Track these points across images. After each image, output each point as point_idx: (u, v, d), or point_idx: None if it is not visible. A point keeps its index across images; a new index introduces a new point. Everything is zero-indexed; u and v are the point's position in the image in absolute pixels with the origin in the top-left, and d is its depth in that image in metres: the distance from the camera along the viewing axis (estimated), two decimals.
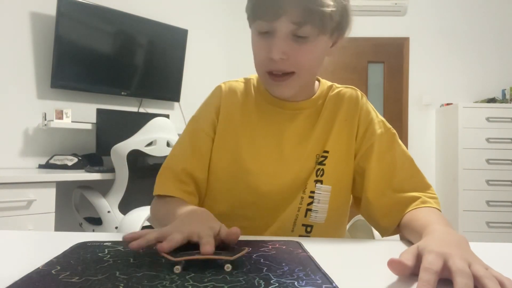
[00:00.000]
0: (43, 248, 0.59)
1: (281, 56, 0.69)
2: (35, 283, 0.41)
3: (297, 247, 0.57)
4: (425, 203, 0.71)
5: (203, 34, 3.42)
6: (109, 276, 0.43)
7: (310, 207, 0.78)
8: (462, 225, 3.27)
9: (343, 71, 3.88)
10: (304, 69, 0.73)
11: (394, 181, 0.76)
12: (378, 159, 0.78)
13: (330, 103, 0.83)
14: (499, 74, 3.76)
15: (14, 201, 1.81)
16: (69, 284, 0.40)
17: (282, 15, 0.66)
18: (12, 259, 0.52)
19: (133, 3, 2.90)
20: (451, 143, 3.44)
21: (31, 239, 0.64)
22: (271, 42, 0.69)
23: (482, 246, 0.64)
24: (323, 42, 0.73)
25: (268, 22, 0.68)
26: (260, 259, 0.50)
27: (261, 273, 0.44)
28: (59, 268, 0.46)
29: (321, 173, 0.78)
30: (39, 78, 2.47)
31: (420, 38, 3.83)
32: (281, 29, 0.68)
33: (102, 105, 2.73)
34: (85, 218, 2.29)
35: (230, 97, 0.84)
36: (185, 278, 0.42)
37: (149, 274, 0.43)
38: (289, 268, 0.46)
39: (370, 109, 0.84)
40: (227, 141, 0.82)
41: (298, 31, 0.68)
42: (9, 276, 0.43)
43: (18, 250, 0.58)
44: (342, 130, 0.80)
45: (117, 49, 2.78)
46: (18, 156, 2.39)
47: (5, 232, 0.67)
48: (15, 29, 2.38)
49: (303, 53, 0.71)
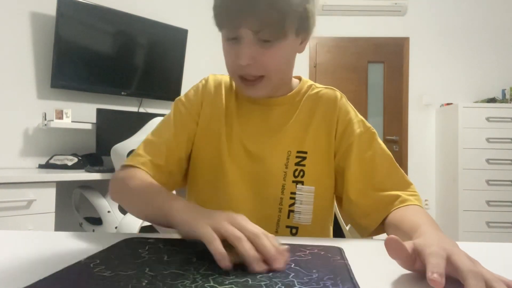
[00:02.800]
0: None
1: (248, 61, 0.71)
2: (70, 275, 0.43)
3: (337, 253, 0.55)
4: (406, 201, 0.72)
5: (203, 34, 3.42)
6: (137, 272, 0.44)
7: (292, 208, 0.78)
8: (462, 225, 3.27)
9: (343, 71, 3.88)
10: (273, 72, 0.75)
11: (375, 180, 0.76)
12: (358, 159, 0.78)
13: (307, 102, 0.83)
14: (499, 74, 3.76)
15: (14, 201, 1.81)
16: (100, 278, 0.42)
17: (241, 25, 0.68)
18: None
19: (133, 3, 2.90)
20: (451, 143, 3.44)
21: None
22: (238, 48, 0.71)
23: (482, 246, 0.64)
24: (290, 42, 0.73)
25: (232, 30, 0.70)
26: (291, 264, 0.49)
27: (286, 279, 0.43)
28: (98, 261, 0.48)
29: (301, 174, 0.79)
30: (39, 78, 2.47)
31: (420, 38, 3.83)
32: (245, 36, 0.70)
33: (102, 105, 2.73)
34: (85, 218, 2.29)
35: (216, 88, 0.86)
36: (207, 279, 0.42)
37: (175, 273, 0.44)
38: (319, 275, 0.44)
39: (350, 109, 0.84)
40: (209, 133, 0.83)
41: (260, 35, 0.69)
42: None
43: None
44: (320, 130, 0.81)
45: (117, 49, 2.78)
46: (18, 156, 2.39)
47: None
48: (15, 29, 2.38)
49: (269, 56, 0.72)
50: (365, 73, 3.90)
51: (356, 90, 3.82)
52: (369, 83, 3.90)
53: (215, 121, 0.83)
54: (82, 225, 2.28)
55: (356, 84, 3.85)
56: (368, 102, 3.87)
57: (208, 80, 0.88)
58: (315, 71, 3.87)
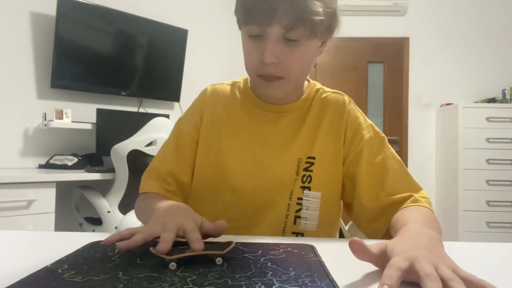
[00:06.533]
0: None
1: (273, 60, 0.70)
2: (38, 282, 0.41)
3: (309, 251, 0.55)
4: (416, 202, 0.71)
5: (203, 34, 3.42)
6: (111, 277, 0.43)
7: (299, 214, 0.77)
8: (462, 225, 3.27)
9: (343, 71, 3.88)
10: (294, 73, 0.74)
11: (386, 185, 0.75)
12: (369, 164, 0.77)
13: (316, 108, 0.82)
14: (499, 74, 3.76)
15: (14, 201, 1.81)
16: (71, 284, 0.40)
17: (273, 21, 0.67)
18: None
19: (133, 3, 2.90)
20: (451, 143, 3.44)
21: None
22: (263, 45, 0.70)
23: (482, 246, 0.64)
24: (314, 44, 0.73)
25: (260, 27, 0.69)
26: (268, 263, 0.49)
27: (264, 278, 0.43)
28: (66, 267, 0.46)
29: (308, 179, 0.78)
30: (39, 78, 2.47)
31: (420, 38, 3.83)
32: (273, 33, 0.68)
33: (102, 105, 2.73)
34: (85, 218, 2.29)
35: (214, 99, 0.85)
36: (186, 281, 0.41)
37: (150, 276, 0.43)
38: (296, 273, 0.45)
39: (358, 114, 0.83)
40: (210, 142, 0.82)
41: (289, 34, 0.68)
42: (17, 274, 0.43)
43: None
44: (328, 136, 0.80)
45: (117, 49, 2.78)
46: (18, 156, 2.39)
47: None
48: (15, 29, 2.38)
49: (294, 57, 0.71)
50: (365, 73, 3.90)
51: (356, 90, 3.81)
52: (369, 83, 3.90)
53: (217, 132, 0.82)
54: (82, 225, 2.28)
55: (356, 84, 3.85)
56: (368, 102, 3.87)
57: (206, 92, 0.87)
58: (315, 71, 3.87)
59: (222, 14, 3.52)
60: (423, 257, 0.42)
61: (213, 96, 0.86)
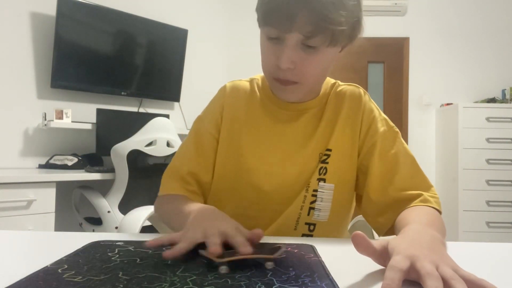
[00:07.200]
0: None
1: (289, 65, 0.68)
2: (38, 282, 0.41)
3: (309, 251, 0.56)
4: (426, 201, 0.71)
5: (203, 34, 3.42)
6: (111, 277, 0.43)
7: (313, 205, 0.78)
8: (462, 225, 3.27)
9: (343, 71, 3.88)
10: (309, 80, 0.73)
11: (396, 179, 0.75)
12: (381, 157, 0.77)
13: (332, 101, 0.83)
14: (499, 74, 3.76)
15: (14, 201, 1.81)
16: (71, 284, 0.40)
17: (293, 28, 0.65)
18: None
19: (133, 3, 2.90)
20: (451, 143, 3.43)
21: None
22: (280, 50, 0.68)
23: (482, 246, 0.64)
24: (333, 51, 0.72)
25: (279, 31, 0.67)
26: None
27: (264, 278, 0.43)
28: (66, 267, 0.46)
29: (324, 171, 0.78)
30: (39, 78, 2.47)
31: (420, 38, 3.83)
32: (291, 39, 0.67)
33: (102, 105, 2.73)
34: (85, 218, 2.29)
35: (234, 96, 0.85)
36: (186, 281, 0.41)
37: (151, 276, 0.43)
38: (296, 273, 0.45)
39: (373, 107, 0.83)
40: (231, 141, 0.82)
41: (308, 41, 0.66)
42: (17, 274, 0.43)
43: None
44: (345, 128, 0.80)
45: (117, 49, 2.78)
46: (18, 156, 2.39)
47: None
48: (15, 29, 2.38)
49: (310, 63, 0.70)
50: (365, 73, 3.90)
51: None
52: (369, 83, 3.90)
53: (238, 130, 0.82)
54: (82, 225, 2.28)
55: (356, 83, 3.85)
56: None
57: (225, 89, 0.86)
58: None
59: (222, 14, 3.52)
60: (424, 256, 0.42)
61: (233, 93, 0.85)
